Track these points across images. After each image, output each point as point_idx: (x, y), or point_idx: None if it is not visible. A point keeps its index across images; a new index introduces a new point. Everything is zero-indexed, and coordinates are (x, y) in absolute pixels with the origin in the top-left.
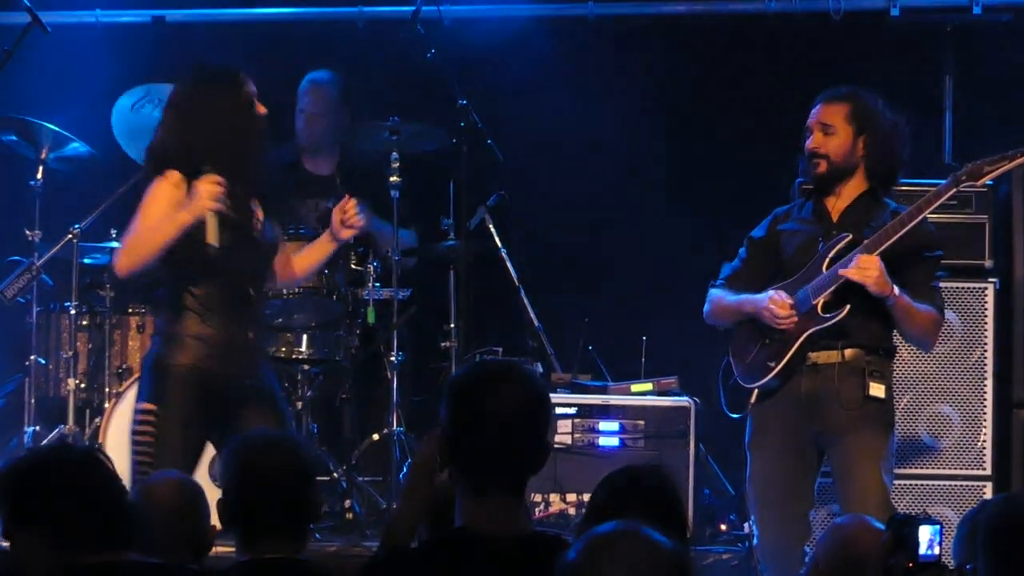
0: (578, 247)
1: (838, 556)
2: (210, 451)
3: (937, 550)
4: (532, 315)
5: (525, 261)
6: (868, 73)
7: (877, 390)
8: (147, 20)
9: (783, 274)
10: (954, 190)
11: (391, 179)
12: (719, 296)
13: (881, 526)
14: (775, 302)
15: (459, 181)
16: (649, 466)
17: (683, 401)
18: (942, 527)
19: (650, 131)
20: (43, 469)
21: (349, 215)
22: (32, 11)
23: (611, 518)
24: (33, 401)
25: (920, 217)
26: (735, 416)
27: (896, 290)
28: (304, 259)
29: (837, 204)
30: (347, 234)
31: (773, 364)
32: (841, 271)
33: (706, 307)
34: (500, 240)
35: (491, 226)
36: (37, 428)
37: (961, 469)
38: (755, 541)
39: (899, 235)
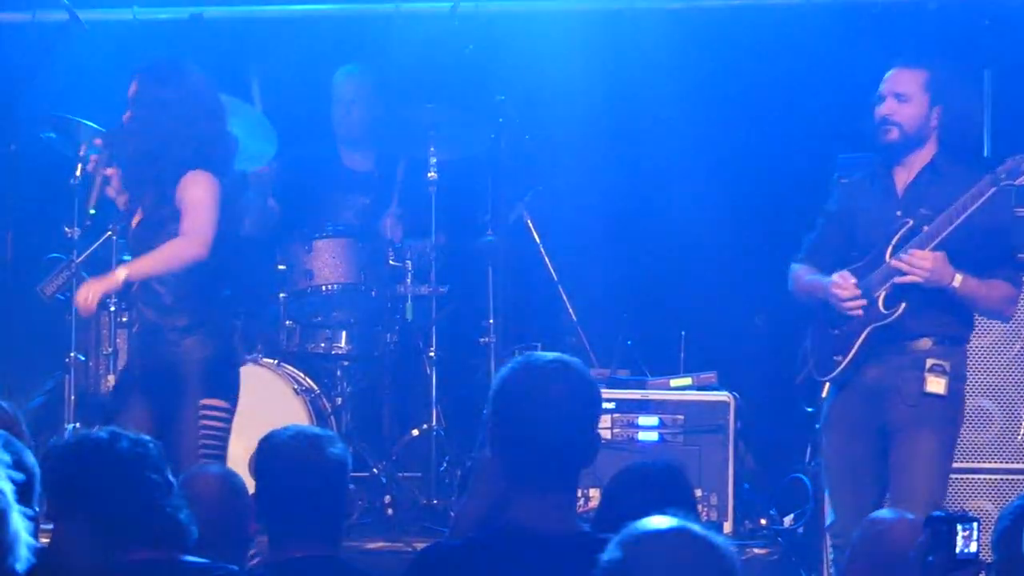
0: (616, 242)
1: (873, 549)
2: (251, 447)
3: (975, 547)
4: (570, 310)
5: (563, 256)
6: None
7: (936, 385)
8: (184, 17)
9: (857, 249)
10: (994, 189)
11: (428, 175)
12: (798, 273)
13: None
14: (837, 286)
15: (497, 177)
16: (659, 462)
17: (722, 395)
18: (980, 523)
19: (690, 124)
20: (89, 457)
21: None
22: (70, 8)
23: (623, 514)
24: (73, 398)
25: (966, 215)
26: (810, 410)
27: (957, 279)
28: None
29: (904, 177)
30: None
31: (839, 359)
32: (896, 279)
33: (789, 283)
34: (538, 235)
35: (529, 222)
36: (77, 425)
37: (1001, 462)
38: (827, 521)
39: (948, 231)
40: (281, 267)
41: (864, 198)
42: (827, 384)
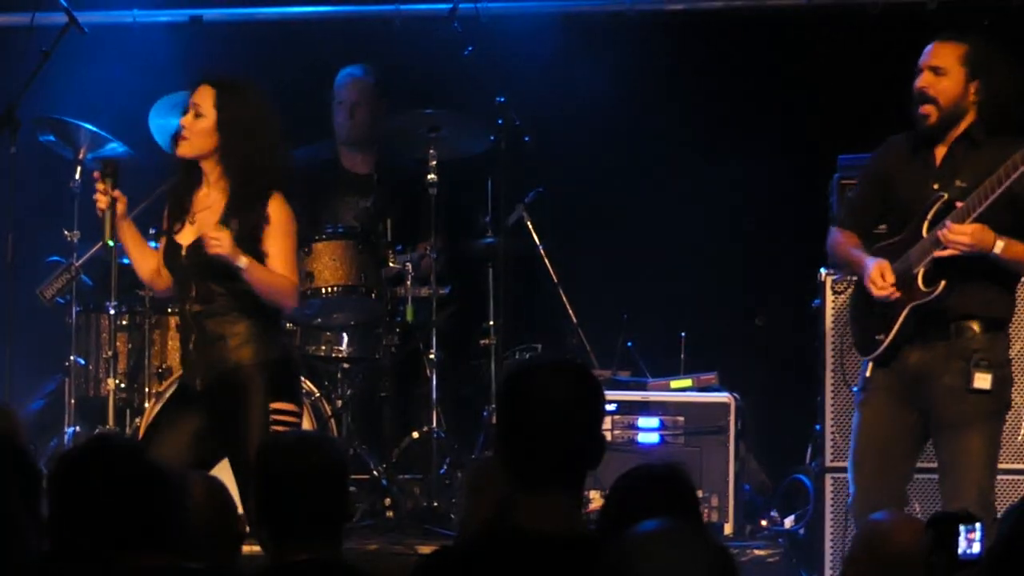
0: (616, 243)
1: (874, 550)
2: None
3: (978, 548)
4: (571, 312)
5: (563, 258)
6: (905, 66)
7: (982, 381)
8: (184, 20)
9: (895, 214)
10: None
11: (428, 177)
12: (837, 241)
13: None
14: (873, 281)
15: (497, 178)
16: (664, 464)
17: (723, 397)
18: (984, 525)
19: (691, 126)
20: (93, 462)
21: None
22: (69, 11)
23: (628, 516)
24: (73, 401)
25: (1002, 189)
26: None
27: (999, 245)
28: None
29: (942, 149)
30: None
31: (881, 337)
32: (936, 252)
33: (827, 245)
34: (538, 237)
35: (529, 223)
36: (77, 428)
37: (1002, 463)
38: (849, 500)
39: (985, 206)
40: None
41: (904, 166)
42: (869, 367)
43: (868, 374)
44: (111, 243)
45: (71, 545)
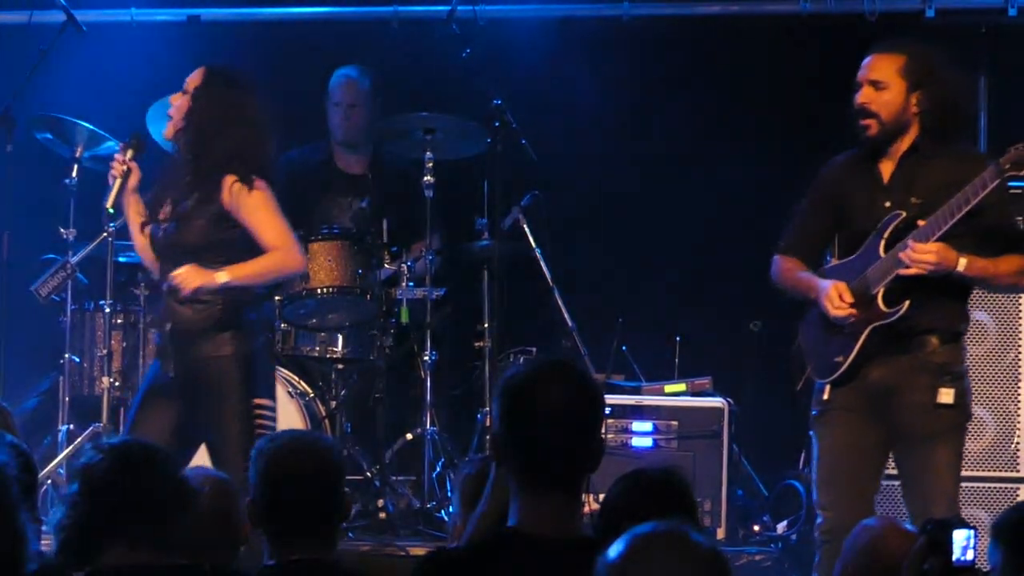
0: (612, 247)
1: (866, 558)
2: None
3: (971, 555)
4: (566, 315)
5: (559, 261)
6: None
7: (947, 396)
8: (182, 19)
9: (845, 235)
10: (999, 180)
11: (425, 179)
12: (782, 268)
13: (911, 528)
14: (830, 299)
15: (493, 181)
16: (661, 467)
17: (717, 402)
18: (977, 531)
19: (685, 131)
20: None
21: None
22: (67, 10)
23: (624, 520)
24: (67, 399)
25: (969, 208)
26: (815, 413)
27: (962, 263)
28: None
29: (888, 165)
30: None
31: (841, 359)
32: (900, 271)
33: (772, 273)
34: (534, 240)
35: (525, 226)
36: (71, 426)
37: (995, 471)
38: (817, 521)
39: (951, 223)
40: None
41: (849, 186)
42: (827, 390)
43: (826, 396)
44: (111, 211)
45: (72, 545)
